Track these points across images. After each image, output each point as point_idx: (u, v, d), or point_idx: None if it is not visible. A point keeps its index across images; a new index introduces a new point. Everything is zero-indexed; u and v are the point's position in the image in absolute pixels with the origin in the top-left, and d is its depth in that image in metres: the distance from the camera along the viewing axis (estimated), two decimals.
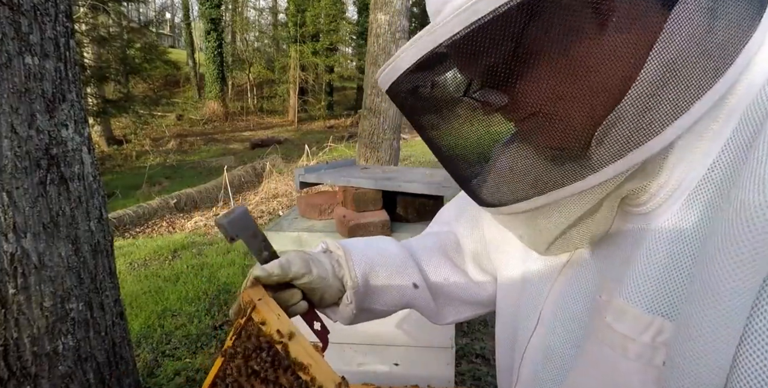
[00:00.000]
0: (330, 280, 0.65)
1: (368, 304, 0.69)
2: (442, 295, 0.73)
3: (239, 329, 0.62)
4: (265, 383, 0.60)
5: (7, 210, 1.12)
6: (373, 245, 0.72)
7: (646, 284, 0.40)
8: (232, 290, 3.35)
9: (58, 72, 1.22)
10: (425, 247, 0.75)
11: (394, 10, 4.12)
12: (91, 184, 1.35)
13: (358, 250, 0.69)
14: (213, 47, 17.24)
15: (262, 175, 7.94)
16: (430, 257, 0.74)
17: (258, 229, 0.66)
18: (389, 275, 0.69)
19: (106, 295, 1.41)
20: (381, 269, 0.68)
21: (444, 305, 0.74)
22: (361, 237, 0.78)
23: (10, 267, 1.14)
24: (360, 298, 0.67)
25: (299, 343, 0.58)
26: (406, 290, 0.70)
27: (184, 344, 2.63)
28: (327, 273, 0.65)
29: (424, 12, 5.40)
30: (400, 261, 0.71)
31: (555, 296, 0.52)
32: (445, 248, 0.74)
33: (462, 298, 0.73)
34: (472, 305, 0.74)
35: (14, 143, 1.12)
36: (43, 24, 1.17)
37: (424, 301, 0.71)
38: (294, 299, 0.64)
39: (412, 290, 0.70)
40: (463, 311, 0.75)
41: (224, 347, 0.64)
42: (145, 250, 4.41)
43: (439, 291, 0.73)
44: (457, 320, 0.76)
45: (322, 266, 0.65)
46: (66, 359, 1.27)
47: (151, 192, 7.41)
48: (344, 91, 23.12)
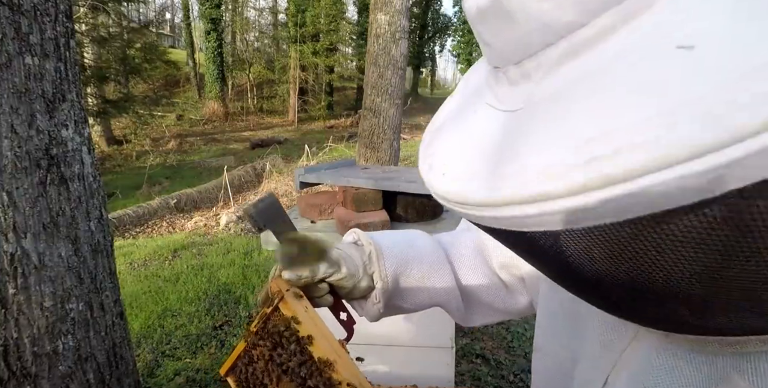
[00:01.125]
0: (359, 276, 0.64)
1: (396, 302, 0.67)
2: (473, 299, 0.70)
3: (265, 317, 0.62)
4: (286, 373, 0.60)
5: (7, 210, 1.12)
6: (406, 242, 0.69)
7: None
8: (232, 290, 3.35)
9: (58, 72, 1.22)
10: (460, 246, 0.71)
11: (394, 10, 4.13)
12: (91, 184, 1.35)
13: (390, 247, 0.66)
14: (213, 47, 17.25)
15: (262, 175, 7.95)
16: (464, 258, 0.70)
17: (287, 219, 0.65)
18: (421, 277, 0.66)
19: (106, 295, 1.41)
20: (413, 270, 0.66)
21: (474, 309, 0.71)
22: (392, 230, 0.75)
23: (10, 267, 1.14)
24: (388, 297, 0.65)
25: (325, 338, 0.58)
26: (437, 292, 0.67)
27: (184, 344, 2.63)
28: (357, 269, 0.63)
29: (424, 12, 5.42)
30: (433, 261, 0.68)
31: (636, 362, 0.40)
32: (480, 248, 0.69)
33: (493, 305, 0.69)
34: (502, 312, 0.71)
35: (14, 143, 1.12)
36: (43, 24, 1.17)
37: (455, 304, 0.69)
38: (321, 292, 0.63)
39: (443, 292, 0.67)
40: (492, 315, 0.71)
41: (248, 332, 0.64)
42: (145, 250, 4.41)
43: (471, 295, 0.69)
44: (484, 323, 0.73)
45: (352, 262, 0.63)
46: (66, 359, 1.27)
47: (151, 192, 7.41)
48: (344, 91, 23.12)
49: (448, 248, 0.70)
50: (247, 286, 3.43)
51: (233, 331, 2.78)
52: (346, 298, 0.66)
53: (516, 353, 2.52)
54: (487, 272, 0.68)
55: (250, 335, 0.63)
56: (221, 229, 5.49)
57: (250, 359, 0.63)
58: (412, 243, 0.69)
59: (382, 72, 4.27)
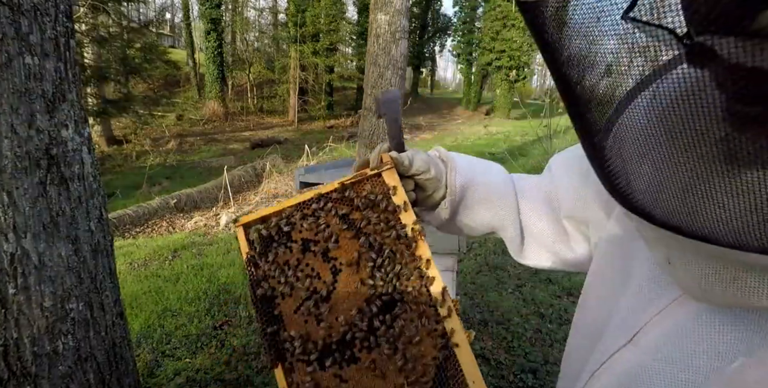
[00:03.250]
0: (440, 183, 0.71)
1: (461, 216, 0.73)
2: (531, 235, 0.73)
3: (364, 177, 0.69)
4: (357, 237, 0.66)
5: (7, 210, 1.12)
6: (481, 164, 0.75)
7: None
8: (232, 290, 3.35)
9: (58, 72, 1.22)
10: (530, 185, 0.74)
11: (394, 10, 4.13)
12: (91, 184, 1.35)
13: (464, 162, 0.73)
14: (213, 47, 17.25)
15: (262, 175, 7.95)
16: (530, 195, 0.73)
17: (401, 117, 0.75)
18: (486, 196, 0.71)
19: (106, 295, 1.41)
20: (480, 187, 0.71)
21: (530, 245, 0.74)
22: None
23: (10, 267, 1.14)
24: (455, 207, 0.71)
25: (411, 217, 0.65)
26: (498, 215, 0.72)
27: (184, 344, 2.63)
28: (441, 175, 0.70)
29: (424, 12, 5.46)
30: (500, 187, 0.72)
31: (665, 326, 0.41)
32: (550, 196, 0.72)
33: (549, 247, 0.72)
34: (557, 258, 0.73)
35: (14, 143, 1.11)
36: (43, 24, 1.17)
37: (512, 232, 0.72)
38: (409, 187, 0.70)
39: (503, 217, 0.72)
40: (546, 258, 0.74)
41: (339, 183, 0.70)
42: (145, 250, 4.41)
43: (529, 230, 0.73)
44: (538, 265, 0.76)
45: (439, 169, 0.70)
46: (66, 359, 1.27)
47: (151, 192, 7.41)
48: (344, 91, 23.12)
49: (518, 182, 0.75)
50: (247, 286, 3.43)
51: (233, 331, 2.78)
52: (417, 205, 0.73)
53: (516, 353, 2.52)
54: (551, 215, 0.71)
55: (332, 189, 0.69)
56: (221, 229, 5.49)
57: (303, 215, 0.68)
58: (486, 167, 0.75)
59: (382, 72, 4.27)
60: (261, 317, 0.65)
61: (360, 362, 0.62)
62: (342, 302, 0.65)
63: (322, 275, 0.67)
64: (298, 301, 0.65)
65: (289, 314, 0.65)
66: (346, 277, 0.66)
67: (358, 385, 0.61)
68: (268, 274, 0.67)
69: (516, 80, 19.67)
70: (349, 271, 0.67)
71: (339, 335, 0.63)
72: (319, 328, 0.64)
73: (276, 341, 0.64)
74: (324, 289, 0.66)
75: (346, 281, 0.66)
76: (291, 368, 0.62)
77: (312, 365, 0.62)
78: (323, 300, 0.65)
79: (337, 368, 0.62)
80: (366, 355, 0.62)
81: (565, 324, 2.88)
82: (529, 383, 2.23)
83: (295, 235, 0.69)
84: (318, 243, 0.68)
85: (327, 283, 0.66)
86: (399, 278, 0.64)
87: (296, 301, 0.66)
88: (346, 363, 0.62)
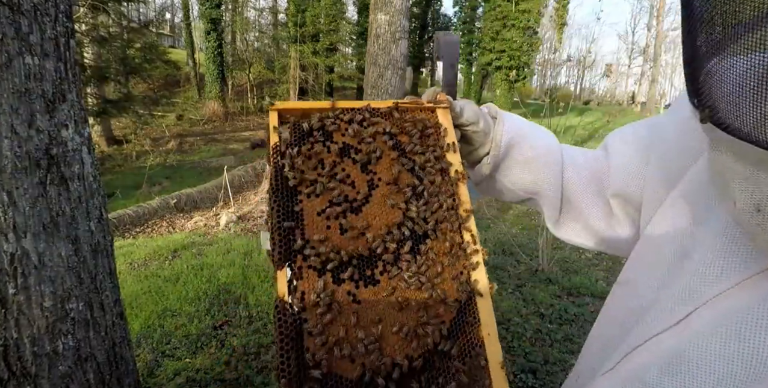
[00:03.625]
0: (488, 137, 0.70)
1: (501, 174, 0.72)
2: (570, 206, 0.71)
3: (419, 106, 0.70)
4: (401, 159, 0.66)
5: (7, 210, 1.12)
6: (532, 127, 0.74)
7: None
8: (232, 290, 3.35)
9: (58, 72, 1.22)
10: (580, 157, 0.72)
11: (394, 10, 4.13)
12: (91, 184, 1.35)
13: (515, 120, 0.72)
14: (213, 47, 17.24)
15: (262, 175, 7.94)
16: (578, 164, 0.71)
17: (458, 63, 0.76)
18: (531, 158, 0.70)
19: (106, 295, 1.41)
20: (525, 148, 0.70)
21: (568, 217, 0.72)
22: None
23: (10, 267, 1.14)
24: (497, 163, 0.71)
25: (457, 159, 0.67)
26: (539, 180, 0.70)
27: (184, 344, 2.63)
28: (489, 129, 0.70)
29: (424, 12, 5.48)
30: (548, 148, 0.71)
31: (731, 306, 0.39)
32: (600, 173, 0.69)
33: (588, 221, 0.70)
34: (593, 235, 0.70)
35: (14, 143, 1.11)
36: (43, 24, 1.17)
37: (552, 199, 0.70)
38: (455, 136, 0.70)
39: (544, 182, 0.70)
40: (583, 235, 0.72)
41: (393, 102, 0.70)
42: (145, 250, 4.41)
43: (569, 201, 0.71)
44: (572, 239, 0.73)
45: (487, 123, 0.70)
46: (66, 359, 1.27)
47: (151, 192, 7.41)
48: (344, 91, 23.11)
49: (567, 151, 0.73)
50: (247, 286, 3.43)
51: (233, 331, 2.78)
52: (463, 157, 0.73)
53: (516, 353, 2.52)
54: (597, 190, 0.69)
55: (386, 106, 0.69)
56: (221, 229, 5.49)
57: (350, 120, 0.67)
58: (536, 129, 0.74)
59: (382, 72, 4.27)
60: (278, 209, 0.58)
61: (379, 286, 0.58)
62: (373, 218, 0.61)
63: (357, 184, 0.63)
64: (324, 203, 0.60)
65: (311, 215, 0.60)
66: (382, 195, 0.63)
67: (371, 310, 0.57)
68: (296, 166, 0.62)
69: (516, 80, 19.66)
70: (387, 190, 0.63)
71: (363, 251, 0.59)
72: (342, 237, 0.59)
73: (289, 239, 0.57)
74: (357, 199, 0.62)
75: (381, 198, 0.63)
76: (298, 275, 0.56)
77: (324, 276, 0.56)
78: (353, 211, 0.61)
79: (353, 286, 0.57)
80: (386, 280, 0.58)
81: (565, 324, 2.88)
82: (529, 383, 2.23)
83: (337, 136, 0.65)
84: (360, 152, 0.64)
85: (361, 194, 0.62)
86: (434, 212, 0.63)
87: (322, 203, 0.60)
88: (364, 283, 0.58)
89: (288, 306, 0.54)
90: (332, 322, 0.55)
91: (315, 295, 0.55)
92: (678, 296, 0.43)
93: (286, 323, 0.53)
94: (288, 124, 0.65)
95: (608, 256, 4.16)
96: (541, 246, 3.79)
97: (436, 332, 0.57)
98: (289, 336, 0.52)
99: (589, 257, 4.17)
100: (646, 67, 30.95)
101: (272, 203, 0.59)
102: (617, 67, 40.89)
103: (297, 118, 0.66)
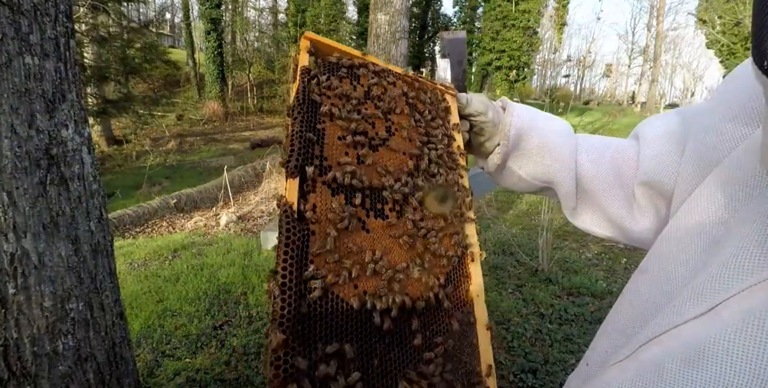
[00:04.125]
0: (498, 129, 0.71)
1: (513, 164, 0.72)
2: (589, 194, 0.69)
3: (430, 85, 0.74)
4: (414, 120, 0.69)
5: (7, 210, 1.12)
6: (544, 115, 0.73)
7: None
8: (232, 290, 3.35)
9: (58, 72, 1.22)
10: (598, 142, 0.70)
11: (394, 10, 4.13)
12: (91, 184, 1.35)
13: (525, 110, 0.72)
14: (213, 47, 17.25)
15: (262, 175, 7.94)
16: (595, 151, 0.69)
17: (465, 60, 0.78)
18: (542, 145, 0.69)
19: (106, 295, 1.41)
20: (536, 136, 0.70)
21: (586, 205, 0.70)
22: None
23: (10, 267, 1.14)
24: (507, 153, 0.71)
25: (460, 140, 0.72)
26: (552, 168, 0.69)
27: (184, 344, 2.63)
28: (499, 120, 0.71)
29: (424, 12, 5.46)
30: (560, 136, 0.70)
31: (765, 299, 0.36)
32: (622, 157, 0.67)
33: (608, 209, 0.67)
34: (612, 224, 0.68)
35: (14, 143, 1.11)
36: (43, 24, 1.17)
37: (567, 187, 0.69)
38: (464, 127, 0.72)
39: (557, 170, 0.69)
40: (601, 224, 0.70)
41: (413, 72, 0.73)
42: (145, 250, 4.41)
43: (585, 188, 0.69)
44: (590, 229, 0.72)
45: (497, 115, 0.71)
46: (66, 359, 1.27)
47: (151, 192, 7.41)
48: None
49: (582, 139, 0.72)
50: (247, 286, 3.43)
51: (233, 331, 2.78)
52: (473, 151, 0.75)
53: (516, 353, 2.52)
54: (617, 178, 0.67)
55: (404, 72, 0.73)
56: (221, 229, 5.49)
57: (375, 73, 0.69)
58: (548, 118, 0.73)
59: None
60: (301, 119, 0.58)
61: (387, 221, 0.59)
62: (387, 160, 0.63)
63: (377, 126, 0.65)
64: (346, 131, 0.61)
65: (331, 137, 0.60)
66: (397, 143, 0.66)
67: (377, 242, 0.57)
68: (323, 91, 0.62)
69: (516, 80, 19.66)
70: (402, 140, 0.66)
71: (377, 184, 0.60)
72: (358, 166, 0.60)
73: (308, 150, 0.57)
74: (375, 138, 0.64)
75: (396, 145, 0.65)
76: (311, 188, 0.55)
77: (338, 195, 0.56)
78: (371, 147, 0.63)
79: (364, 213, 0.57)
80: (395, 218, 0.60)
81: (565, 324, 2.88)
82: (529, 383, 2.23)
83: (364, 80, 0.68)
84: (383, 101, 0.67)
85: (379, 136, 0.64)
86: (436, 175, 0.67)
87: (344, 130, 0.61)
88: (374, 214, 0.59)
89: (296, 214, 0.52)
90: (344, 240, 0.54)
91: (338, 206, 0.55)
92: (705, 286, 0.41)
93: (295, 228, 0.51)
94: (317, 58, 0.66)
95: (608, 256, 4.16)
96: (541, 246, 3.79)
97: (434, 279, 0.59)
98: (295, 243, 0.50)
99: (589, 257, 4.17)
100: (646, 67, 30.93)
101: (296, 113, 0.59)
102: (617, 67, 40.88)
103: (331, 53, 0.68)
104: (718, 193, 0.47)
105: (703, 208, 0.49)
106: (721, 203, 0.46)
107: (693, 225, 0.49)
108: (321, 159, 0.57)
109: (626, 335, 0.50)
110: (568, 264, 3.92)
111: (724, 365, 0.36)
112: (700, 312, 0.39)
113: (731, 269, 0.39)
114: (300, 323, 0.47)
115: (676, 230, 0.52)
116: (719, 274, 0.40)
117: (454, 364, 0.57)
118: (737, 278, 0.38)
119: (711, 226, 0.46)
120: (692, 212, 0.50)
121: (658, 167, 0.62)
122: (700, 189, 0.50)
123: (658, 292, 0.49)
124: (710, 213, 0.47)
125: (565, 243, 4.39)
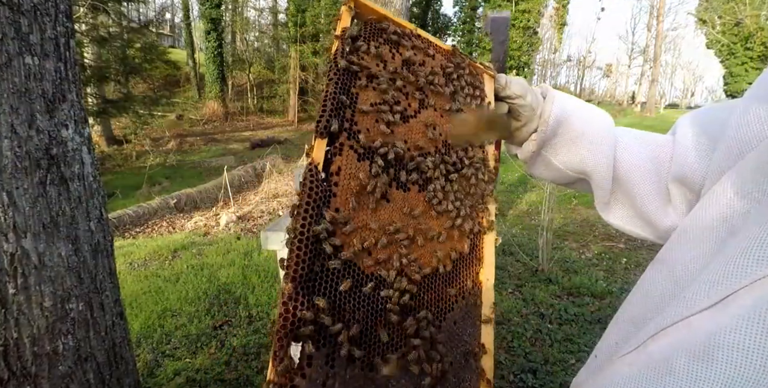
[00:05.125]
0: (535, 114, 0.69)
1: (549, 152, 0.71)
2: (621, 189, 0.68)
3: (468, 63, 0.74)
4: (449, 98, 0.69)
5: (7, 210, 1.12)
6: (585, 104, 0.72)
7: None
8: (232, 290, 3.35)
9: (58, 72, 1.22)
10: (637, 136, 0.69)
11: (394, 10, 4.12)
12: (91, 184, 1.35)
13: (566, 97, 0.71)
14: (213, 47, 17.24)
15: (262, 175, 7.94)
16: (634, 145, 0.68)
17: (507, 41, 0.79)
18: (581, 135, 0.68)
19: (106, 295, 1.41)
20: (576, 124, 0.69)
21: (618, 200, 0.69)
22: None
23: (10, 267, 1.14)
24: (543, 140, 0.70)
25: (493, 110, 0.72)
26: (588, 158, 0.68)
27: (184, 344, 2.63)
28: (537, 105, 0.69)
29: (425, 12, 5.48)
30: (599, 127, 0.69)
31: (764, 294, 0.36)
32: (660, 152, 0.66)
33: (640, 207, 0.66)
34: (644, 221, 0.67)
35: (14, 143, 1.11)
36: (43, 24, 1.17)
37: (602, 179, 0.68)
38: (501, 110, 0.70)
39: (593, 160, 0.67)
40: (634, 222, 0.69)
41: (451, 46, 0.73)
42: (145, 250, 4.41)
43: (620, 182, 0.68)
44: (621, 225, 0.71)
45: (536, 99, 0.69)
46: (66, 359, 1.27)
47: (151, 192, 7.40)
48: None
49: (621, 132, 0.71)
50: (247, 286, 3.43)
51: (233, 331, 2.78)
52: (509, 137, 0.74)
53: (516, 353, 2.52)
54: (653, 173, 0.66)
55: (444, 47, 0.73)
56: (221, 229, 5.49)
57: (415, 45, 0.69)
58: (588, 108, 0.72)
59: None
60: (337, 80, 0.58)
61: (408, 193, 0.60)
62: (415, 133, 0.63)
63: (410, 98, 0.65)
64: (379, 98, 0.61)
65: (364, 103, 0.60)
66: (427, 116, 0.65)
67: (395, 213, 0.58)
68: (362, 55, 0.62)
69: None
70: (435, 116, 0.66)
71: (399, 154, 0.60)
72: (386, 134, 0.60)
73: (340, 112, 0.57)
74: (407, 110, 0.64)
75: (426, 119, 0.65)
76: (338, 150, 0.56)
77: (363, 160, 0.57)
78: (402, 118, 0.63)
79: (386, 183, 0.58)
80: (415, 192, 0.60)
81: (565, 324, 2.88)
82: (529, 383, 2.23)
83: (403, 50, 0.67)
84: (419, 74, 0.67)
85: (412, 108, 0.64)
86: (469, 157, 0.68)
87: (377, 97, 0.61)
88: (396, 184, 0.59)
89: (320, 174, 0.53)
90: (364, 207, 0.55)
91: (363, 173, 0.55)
92: (717, 277, 0.39)
93: (317, 187, 0.51)
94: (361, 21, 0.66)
95: (608, 256, 4.16)
96: (541, 246, 3.79)
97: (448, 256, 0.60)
98: (316, 202, 0.51)
99: (589, 257, 4.17)
100: (646, 67, 30.92)
101: (331, 74, 0.59)
102: (617, 66, 40.86)
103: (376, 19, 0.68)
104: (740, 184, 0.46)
105: (724, 199, 0.48)
106: (743, 193, 0.45)
107: (712, 216, 0.48)
108: (351, 123, 0.58)
109: (636, 326, 0.49)
110: (568, 264, 3.92)
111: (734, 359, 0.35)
112: (711, 303, 0.39)
113: (743, 260, 0.38)
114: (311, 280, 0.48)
115: (695, 220, 0.51)
116: (731, 265, 0.39)
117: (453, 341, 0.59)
118: (749, 269, 0.37)
119: (731, 216, 0.45)
120: (713, 202, 0.49)
121: (690, 163, 0.61)
122: (723, 180, 0.49)
123: (671, 282, 0.48)
124: (731, 203, 0.46)
125: (565, 243, 4.39)
